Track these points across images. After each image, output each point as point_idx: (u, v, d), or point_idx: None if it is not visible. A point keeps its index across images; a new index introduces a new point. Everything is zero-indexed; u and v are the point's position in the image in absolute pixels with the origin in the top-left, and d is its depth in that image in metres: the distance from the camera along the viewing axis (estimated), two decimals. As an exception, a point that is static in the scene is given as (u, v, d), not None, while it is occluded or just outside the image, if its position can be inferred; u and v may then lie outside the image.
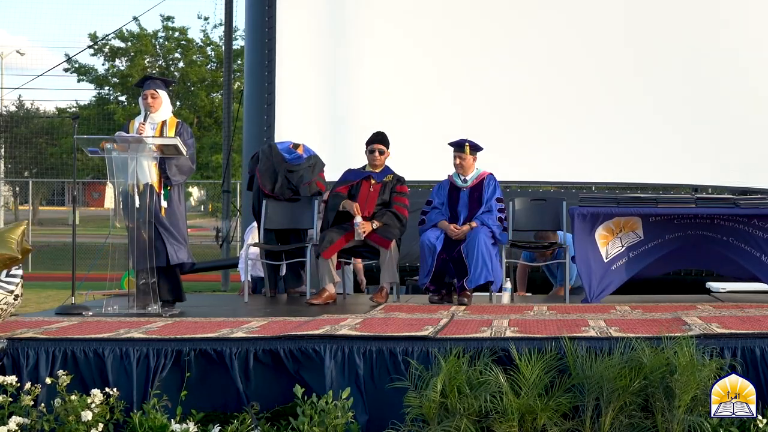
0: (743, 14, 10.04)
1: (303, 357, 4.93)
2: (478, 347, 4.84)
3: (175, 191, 6.63)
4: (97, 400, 4.65)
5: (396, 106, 9.93)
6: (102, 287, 7.47)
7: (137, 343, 5.04)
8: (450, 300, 6.96)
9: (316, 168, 7.90)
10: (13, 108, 29.96)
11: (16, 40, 59.74)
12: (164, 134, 6.59)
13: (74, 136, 6.80)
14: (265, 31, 10.37)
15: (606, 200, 7.13)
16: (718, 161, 9.95)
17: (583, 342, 4.83)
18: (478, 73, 10.09)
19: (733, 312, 5.98)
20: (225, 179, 12.52)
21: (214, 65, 26.85)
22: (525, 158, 9.93)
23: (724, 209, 6.90)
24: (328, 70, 10.25)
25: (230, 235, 12.48)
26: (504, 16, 10.17)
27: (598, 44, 10.07)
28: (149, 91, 6.68)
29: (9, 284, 5.21)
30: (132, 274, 6.51)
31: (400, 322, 5.66)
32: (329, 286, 7.02)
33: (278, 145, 7.97)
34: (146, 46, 26.60)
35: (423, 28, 10.17)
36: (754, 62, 9.96)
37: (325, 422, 4.55)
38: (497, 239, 7.00)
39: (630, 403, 4.62)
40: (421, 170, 9.27)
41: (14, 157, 28.20)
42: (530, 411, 4.57)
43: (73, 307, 6.43)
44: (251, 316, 6.17)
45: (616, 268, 7.03)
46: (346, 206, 7.14)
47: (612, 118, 9.99)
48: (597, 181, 10.55)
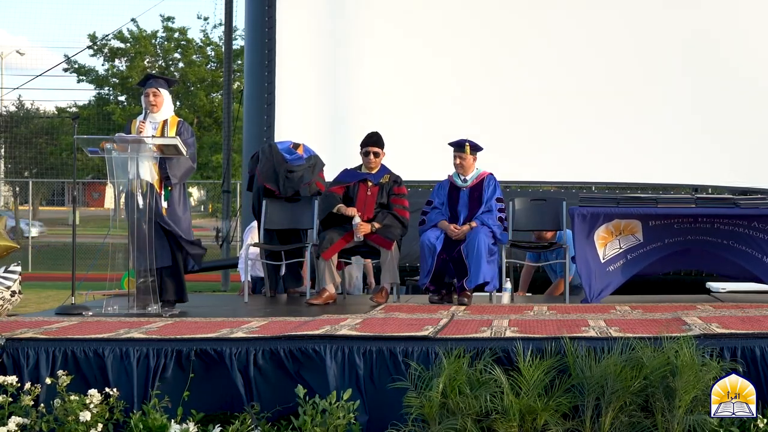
0: (743, 14, 10.04)
1: (303, 357, 4.93)
2: (478, 347, 4.84)
3: (176, 191, 6.62)
4: (95, 400, 4.65)
5: (396, 106, 9.93)
6: (102, 287, 7.48)
7: (137, 343, 5.04)
8: (450, 300, 6.96)
9: (316, 168, 7.90)
10: (12, 108, 29.97)
11: (17, 40, 59.76)
12: (165, 133, 6.59)
13: (74, 136, 6.80)
14: (265, 31, 10.37)
15: (606, 200, 7.13)
16: (718, 161, 9.95)
17: (583, 342, 4.83)
18: (479, 73, 10.09)
19: (733, 312, 5.98)
20: (225, 179, 12.53)
21: (214, 65, 26.85)
22: (525, 158, 9.93)
23: (724, 209, 6.90)
24: (328, 70, 10.25)
25: (230, 235, 12.48)
26: (504, 16, 10.17)
27: (597, 44, 10.07)
28: (151, 90, 6.68)
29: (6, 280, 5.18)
30: (132, 274, 6.50)
31: (400, 322, 5.66)
32: (329, 286, 7.02)
33: (278, 145, 7.97)
34: (145, 46, 26.60)
35: (423, 28, 10.17)
36: (754, 62, 9.96)
37: (326, 422, 4.55)
38: (497, 239, 7.00)
39: (630, 403, 4.62)
40: (421, 170, 9.27)
41: (14, 157, 28.22)
42: (530, 411, 4.57)
43: (73, 307, 6.43)
44: (251, 316, 6.17)
45: (613, 270, 7.02)
46: (341, 210, 7.13)
47: (612, 118, 9.99)
48: (597, 181, 10.55)
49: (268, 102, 10.30)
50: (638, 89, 10.01)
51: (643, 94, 10.01)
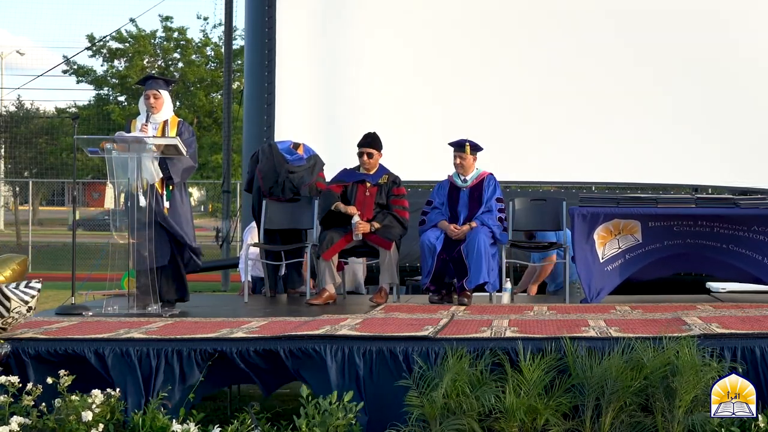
0: (743, 15, 10.04)
1: (303, 357, 4.93)
2: (479, 347, 4.84)
3: (177, 191, 6.62)
4: (98, 400, 4.66)
5: (396, 106, 9.92)
6: (102, 287, 7.48)
7: (137, 343, 5.05)
8: (450, 300, 6.96)
9: (316, 168, 7.90)
10: (12, 108, 29.96)
11: (18, 41, 59.72)
12: (166, 134, 6.58)
13: (74, 136, 6.80)
14: (265, 31, 10.37)
15: (606, 200, 7.13)
16: (718, 161, 9.95)
17: (583, 342, 4.84)
18: (479, 73, 10.08)
19: (733, 312, 5.98)
20: (225, 179, 12.52)
21: (214, 65, 26.83)
22: (525, 158, 9.93)
23: (724, 209, 6.89)
24: (328, 70, 10.25)
25: (230, 235, 12.48)
26: (504, 17, 10.16)
27: (598, 45, 10.06)
28: (151, 91, 6.67)
29: (26, 294, 5.20)
30: (132, 274, 6.50)
31: (400, 322, 5.66)
32: (329, 286, 7.02)
33: (278, 145, 7.96)
34: (144, 47, 26.59)
35: (423, 29, 10.16)
36: (754, 62, 9.96)
37: (326, 422, 4.55)
38: (497, 239, 7.00)
39: (630, 403, 4.62)
40: (421, 170, 9.27)
41: (14, 157, 28.21)
42: (531, 411, 4.58)
43: (73, 307, 6.43)
44: (251, 316, 6.17)
45: (611, 270, 7.02)
46: (339, 208, 7.12)
47: (612, 118, 9.98)
48: (597, 181, 10.54)
49: (268, 102, 10.29)
50: (638, 89, 10.00)
51: (644, 94, 10.00)
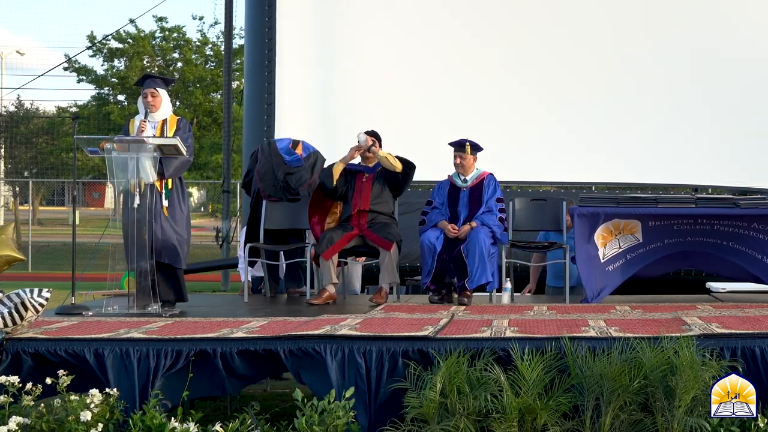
0: (743, 15, 10.04)
1: (303, 357, 4.93)
2: (478, 347, 4.84)
3: (176, 190, 6.62)
4: (96, 400, 4.65)
5: (396, 106, 9.92)
6: (102, 287, 7.48)
7: (137, 343, 5.04)
8: (450, 300, 6.95)
9: (316, 165, 7.89)
10: (12, 108, 29.98)
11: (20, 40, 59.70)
12: (165, 133, 6.59)
13: (74, 136, 6.80)
14: (265, 31, 10.36)
15: (606, 200, 7.13)
16: (718, 161, 9.94)
17: (583, 342, 4.83)
18: (479, 73, 10.07)
19: (733, 312, 5.98)
20: (225, 179, 12.53)
21: (213, 64, 26.83)
22: (525, 158, 9.92)
23: (724, 209, 6.89)
24: (328, 70, 10.24)
25: (230, 235, 12.48)
26: (505, 16, 10.16)
27: (597, 45, 10.06)
28: (149, 90, 6.68)
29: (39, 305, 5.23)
30: (132, 274, 6.50)
31: (400, 322, 5.66)
32: (329, 286, 7.02)
33: (278, 143, 7.96)
34: (144, 47, 26.59)
35: (424, 29, 10.15)
36: (754, 62, 9.95)
37: (325, 422, 4.55)
38: (497, 239, 7.00)
39: (630, 402, 4.62)
40: (421, 170, 9.24)
41: (14, 157, 28.23)
42: (530, 411, 4.58)
43: (73, 307, 6.43)
44: (251, 316, 6.17)
45: (612, 270, 7.02)
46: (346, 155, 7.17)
47: (612, 118, 9.97)
48: (597, 181, 10.54)
49: (268, 102, 10.29)
50: (638, 90, 9.99)
51: (644, 94, 9.99)
